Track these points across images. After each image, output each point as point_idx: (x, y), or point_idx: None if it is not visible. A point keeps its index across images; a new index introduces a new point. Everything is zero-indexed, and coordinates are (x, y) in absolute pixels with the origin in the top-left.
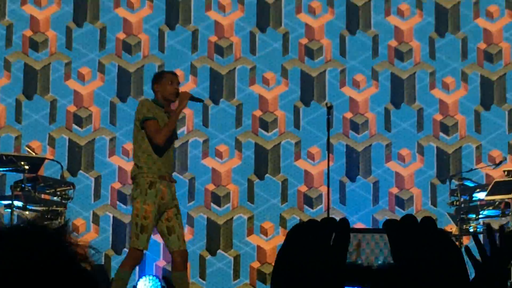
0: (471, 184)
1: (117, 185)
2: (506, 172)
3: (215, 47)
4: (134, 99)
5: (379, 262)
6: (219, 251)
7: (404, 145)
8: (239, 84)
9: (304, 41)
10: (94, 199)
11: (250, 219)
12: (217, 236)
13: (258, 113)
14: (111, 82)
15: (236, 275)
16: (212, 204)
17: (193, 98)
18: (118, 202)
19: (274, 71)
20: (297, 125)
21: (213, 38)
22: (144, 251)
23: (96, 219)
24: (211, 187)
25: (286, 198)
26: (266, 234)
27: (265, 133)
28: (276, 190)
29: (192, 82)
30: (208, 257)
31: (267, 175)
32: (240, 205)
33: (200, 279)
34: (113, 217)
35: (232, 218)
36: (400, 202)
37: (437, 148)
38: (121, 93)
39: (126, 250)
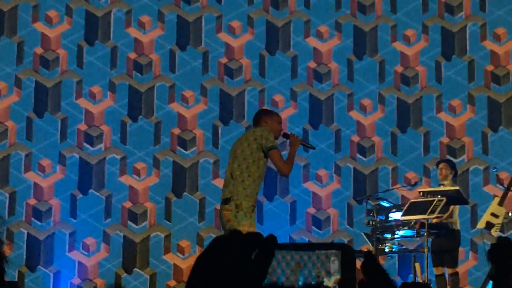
0: (387, 205)
1: (32, 202)
2: (421, 193)
3: (134, 64)
4: (51, 114)
5: (300, 284)
6: (135, 269)
7: (321, 166)
8: (158, 102)
9: (224, 60)
10: (8, 215)
11: (167, 237)
12: (133, 254)
13: (176, 131)
14: (27, 97)
15: None
16: (129, 221)
17: (304, 144)
18: (33, 219)
19: (193, 90)
20: (215, 144)
21: (132, 55)
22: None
23: (10, 235)
24: (128, 204)
25: (203, 217)
26: (183, 252)
27: (183, 151)
28: (194, 208)
29: (111, 99)
30: (124, 275)
31: (185, 193)
32: (157, 223)
33: None
34: (28, 233)
35: (149, 236)
36: (317, 222)
37: (354, 169)
38: (37, 108)
39: (40, 267)
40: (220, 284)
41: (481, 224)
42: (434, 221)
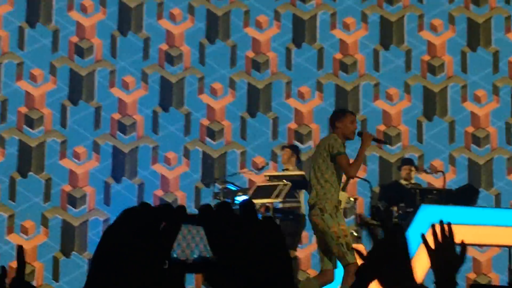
0: (234, 188)
1: None
2: (268, 177)
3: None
4: None
5: (195, 256)
6: None
7: (170, 148)
8: (5, 79)
9: (75, 39)
10: None
11: (11, 217)
12: None
13: (23, 109)
14: None
15: None
16: None
17: (375, 139)
18: None
19: (42, 68)
20: (63, 124)
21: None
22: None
23: None
24: None
25: (49, 197)
26: (26, 233)
27: (30, 130)
28: (39, 188)
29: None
30: None
31: (30, 173)
32: (1, 203)
33: None
34: None
35: None
36: None
37: (203, 152)
38: None
39: None
40: (127, 256)
41: None
42: (281, 205)
